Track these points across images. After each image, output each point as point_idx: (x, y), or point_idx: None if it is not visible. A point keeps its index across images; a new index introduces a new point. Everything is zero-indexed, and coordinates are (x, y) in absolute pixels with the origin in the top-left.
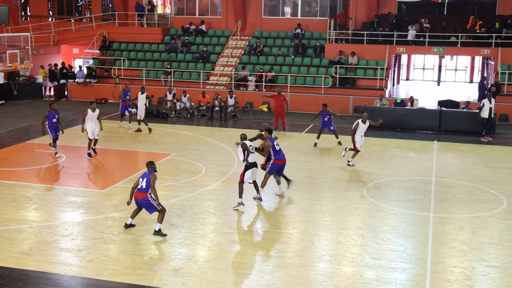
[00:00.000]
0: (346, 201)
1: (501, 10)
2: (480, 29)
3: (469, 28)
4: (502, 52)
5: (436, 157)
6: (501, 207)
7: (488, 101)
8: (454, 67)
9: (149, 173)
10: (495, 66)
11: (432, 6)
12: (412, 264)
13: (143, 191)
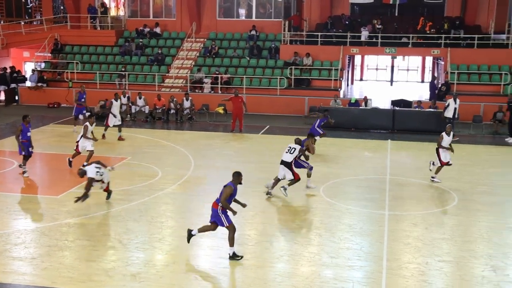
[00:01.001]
0: (303, 202)
1: (450, 12)
2: (430, 30)
3: (419, 29)
4: (451, 52)
5: (390, 156)
6: (452, 204)
7: (453, 101)
8: (406, 67)
9: (227, 184)
10: (445, 66)
11: (384, 8)
12: (368, 262)
13: (217, 201)
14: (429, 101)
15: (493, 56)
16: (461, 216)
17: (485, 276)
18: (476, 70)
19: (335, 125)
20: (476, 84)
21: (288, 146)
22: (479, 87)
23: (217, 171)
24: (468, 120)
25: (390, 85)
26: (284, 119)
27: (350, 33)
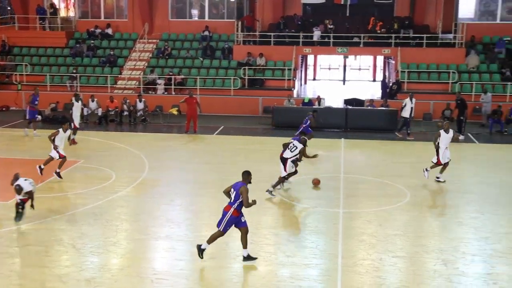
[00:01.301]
0: (259, 201)
1: (399, 12)
2: (381, 30)
3: (370, 29)
4: (401, 52)
5: (343, 154)
6: (405, 200)
7: (409, 101)
8: (358, 66)
9: (240, 185)
10: (395, 65)
11: (336, 8)
12: (324, 260)
13: (230, 204)
14: (381, 100)
15: (441, 55)
16: (413, 212)
17: (436, 270)
18: (425, 69)
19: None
20: (425, 83)
21: (291, 143)
22: (428, 85)
23: (171, 172)
24: (419, 118)
25: (343, 84)
26: (238, 119)
27: (302, 33)
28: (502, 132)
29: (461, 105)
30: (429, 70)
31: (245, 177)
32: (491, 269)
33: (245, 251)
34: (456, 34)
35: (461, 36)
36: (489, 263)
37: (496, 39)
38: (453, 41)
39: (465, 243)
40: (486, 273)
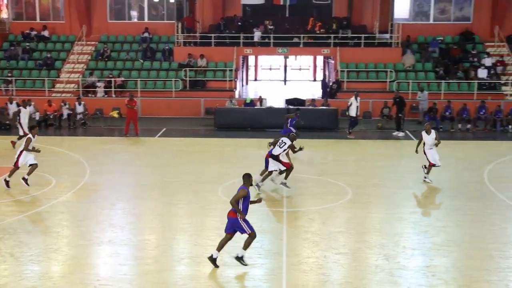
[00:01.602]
0: (202, 203)
1: (337, 12)
2: (320, 30)
3: (309, 29)
4: (340, 52)
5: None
6: (346, 198)
7: (355, 100)
8: (299, 66)
9: (240, 188)
10: (335, 65)
11: (275, 9)
12: (269, 259)
13: (233, 210)
14: (322, 99)
15: (379, 54)
16: (355, 209)
17: (378, 265)
18: (364, 68)
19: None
20: (364, 82)
21: (280, 140)
22: (367, 84)
23: (113, 176)
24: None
25: (284, 84)
26: (180, 121)
27: (243, 34)
28: (438, 128)
29: (399, 103)
30: (367, 69)
31: (246, 180)
32: (430, 261)
33: (242, 252)
34: (392, 34)
35: (397, 36)
36: (428, 256)
37: (430, 39)
38: (389, 41)
39: (405, 237)
40: (425, 266)
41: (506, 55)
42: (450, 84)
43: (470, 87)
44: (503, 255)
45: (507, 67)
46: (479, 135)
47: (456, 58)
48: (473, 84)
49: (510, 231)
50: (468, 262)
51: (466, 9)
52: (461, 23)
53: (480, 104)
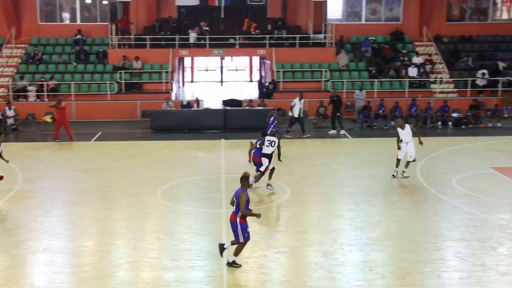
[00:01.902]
0: (140, 207)
1: (272, 13)
2: (255, 31)
3: (245, 30)
4: (276, 52)
5: (224, 154)
6: (285, 197)
7: (298, 101)
8: (235, 67)
9: (239, 192)
10: (271, 65)
11: (210, 10)
12: (209, 261)
13: (234, 214)
14: (258, 99)
15: (313, 54)
16: (294, 208)
17: (317, 262)
18: (299, 68)
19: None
20: (300, 82)
21: (267, 140)
22: (303, 84)
23: (48, 182)
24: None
25: (220, 85)
26: (117, 124)
27: (178, 36)
28: (372, 127)
29: (337, 102)
30: (302, 69)
31: (244, 182)
32: (367, 256)
33: (232, 257)
34: (326, 34)
35: (331, 36)
36: (364, 251)
37: (362, 39)
38: (323, 41)
39: (342, 234)
40: (362, 261)
41: (434, 54)
42: (383, 82)
43: (401, 85)
44: (435, 246)
45: (435, 65)
46: None
47: (387, 57)
48: (404, 82)
49: (441, 224)
50: (403, 255)
51: (395, 9)
52: (391, 23)
53: (411, 102)
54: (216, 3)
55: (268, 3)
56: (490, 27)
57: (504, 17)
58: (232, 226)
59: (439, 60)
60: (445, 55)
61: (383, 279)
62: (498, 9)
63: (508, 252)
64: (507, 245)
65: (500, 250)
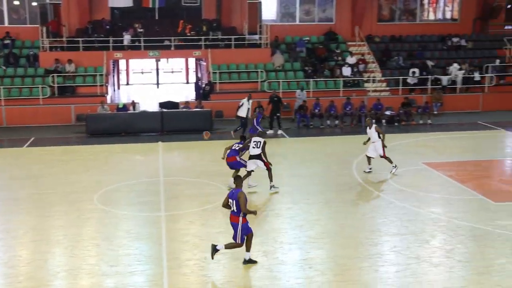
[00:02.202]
0: (77, 213)
1: (207, 14)
2: (190, 32)
3: (180, 31)
4: (212, 53)
5: (162, 157)
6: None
7: (247, 101)
8: (171, 69)
9: (237, 192)
10: (207, 67)
11: (144, 11)
12: (149, 265)
13: (235, 215)
14: (195, 101)
15: (249, 55)
16: None
17: (258, 262)
18: (235, 69)
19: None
20: (236, 83)
21: (253, 141)
22: (239, 85)
23: None
24: (232, 116)
25: (157, 87)
26: (50, 129)
27: (112, 38)
28: (308, 125)
29: (277, 102)
30: (238, 70)
31: (239, 182)
32: (306, 254)
33: (248, 255)
34: (261, 35)
35: (266, 37)
36: (304, 249)
37: (297, 39)
38: (259, 41)
39: (282, 233)
40: (302, 259)
41: (367, 54)
42: (318, 82)
43: (336, 84)
44: (372, 242)
45: (368, 65)
46: (346, 130)
47: (322, 57)
48: (338, 81)
49: (378, 219)
50: (341, 252)
51: (328, 10)
52: (324, 23)
53: (346, 101)
54: (150, 4)
55: (202, 4)
56: (419, 27)
57: (431, 18)
58: (234, 227)
59: (372, 60)
60: (377, 55)
61: (323, 276)
62: (425, 10)
63: (440, 244)
64: (439, 237)
65: (433, 243)
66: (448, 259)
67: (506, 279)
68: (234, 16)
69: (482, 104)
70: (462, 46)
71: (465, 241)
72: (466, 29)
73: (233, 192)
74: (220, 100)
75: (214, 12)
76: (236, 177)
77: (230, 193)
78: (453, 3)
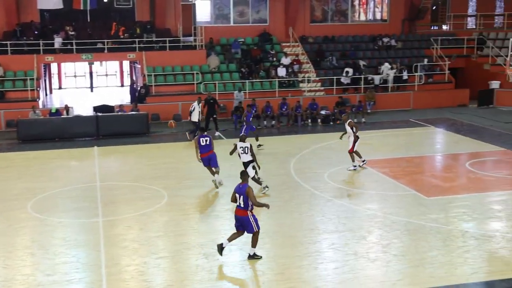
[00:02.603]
0: (9, 222)
1: (140, 16)
2: (124, 35)
3: (113, 34)
4: (146, 56)
5: (98, 162)
6: (163, 201)
7: (197, 105)
8: (105, 72)
9: (244, 187)
10: (142, 69)
11: (75, 14)
12: (87, 272)
13: (240, 208)
14: (131, 104)
15: (184, 57)
16: (172, 212)
17: (199, 265)
18: (171, 71)
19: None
20: (172, 85)
21: (239, 147)
22: (175, 87)
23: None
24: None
25: (91, 91)
26: None
27: (42, 41)
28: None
29: (213, 104)
30: (174, 72)
31: (246, 177)
32: (247, 255)
33: (252, 250)
34: (196, 37)
35: (201, 38)
36: (244, 250)
37: (231, 41)
38: (194, 43)
39: (222, 235)
40: (242, 260)
41: (301, 54)
42: (254, 83)
43: (272, 85)
44: (311, 240)
45: (302, 65)
46: (283, 130)
47: (257, 58)
48: (274, 82)
49: (316, 217)
50: (281, 251)
51: (262, 12)
52: (259, 25)
53: (282, 101)
54: (81, 6)
55: (135, 6)
56: (350, 28)
57: (362, 19)
58: (244, 221)
59: (306, 60)
60: (311, 55)
61: (264, 276)
62: (356, 11)
63: (376, 239)
64: (375, 233)
65: (370, 238)
66: (384, 254)
67: (438, 270)
68: (168, 18)
69: (412, 102)
70: (392, 46)
71: (400, 235)
72: (395, 30)
73: (240, 187)
74: (156, 103)
75: (147, 14)
76: (242, 172)
77: (237, 188)
78: (382, 5)
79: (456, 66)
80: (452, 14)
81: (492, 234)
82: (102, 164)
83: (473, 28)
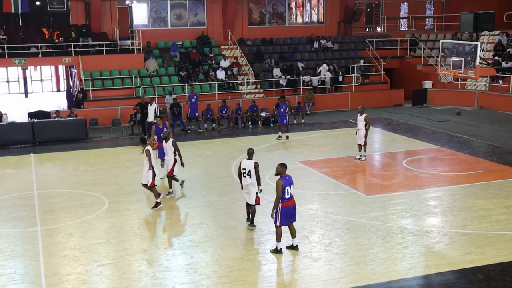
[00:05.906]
0: None
1: (75, 20)
2: (58, 39)
3: (47, 38)
4: (82, 60)
5: (34, 169)
6: (104, 207)
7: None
8: (40, 77)
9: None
10: (78, 74)
11: (6, 17)
12: (26, 284)
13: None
14: (68, 110)
15: (122, 61)
16: (113, 218)
17: (142, 271)
18: (109, 75)
19: None
20: (110, 89)
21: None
22: (113, 91)
23: None
24: (108, 124)
25: (25, 97)
26: None
27: None
28: (186, 130)
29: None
30: (112, 76)
31: (282, 170)
32: (191, 259)
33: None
34: (133, 40)
35: (138, 42)
36: (188, 254)
37: (170, 44)
38: (131, 47)
39: (165, 239)
40: (187, 264)
41: (240, 57)
42: (194, 86)
43: (211, 88)
44: (254, 241)
45: (241, 68)
46: (223, 133)
47: (196, 61)
48: (214, 85)
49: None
50: (224, 254)
51: (200, 15)
52: (197, 28)
53: (222, 104)
54: (12, 10)
55: (70, 10)
56: (288, 30)
57: (299, 21)
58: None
59: (245, 63)
60: (250, 58)
61: (208, 279)
62: (293, 13)
63: (319, 239)
64: (317, 232)
65: (312, 238)
66: (327, 253)
67: (379, 267)
68: (104, 21)
69: (350, 103)
70: (329, 48)
71: (342, 234)
72: (331, 32)
73: (286, 179)
74: (94, 108)
75: (83, 17)
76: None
77: (286, 181)
78: (318, 7)
79: (391, 67)
80: (386, 17)
81: (428, 229)
82: (39, 171)
83: (406, 30)
